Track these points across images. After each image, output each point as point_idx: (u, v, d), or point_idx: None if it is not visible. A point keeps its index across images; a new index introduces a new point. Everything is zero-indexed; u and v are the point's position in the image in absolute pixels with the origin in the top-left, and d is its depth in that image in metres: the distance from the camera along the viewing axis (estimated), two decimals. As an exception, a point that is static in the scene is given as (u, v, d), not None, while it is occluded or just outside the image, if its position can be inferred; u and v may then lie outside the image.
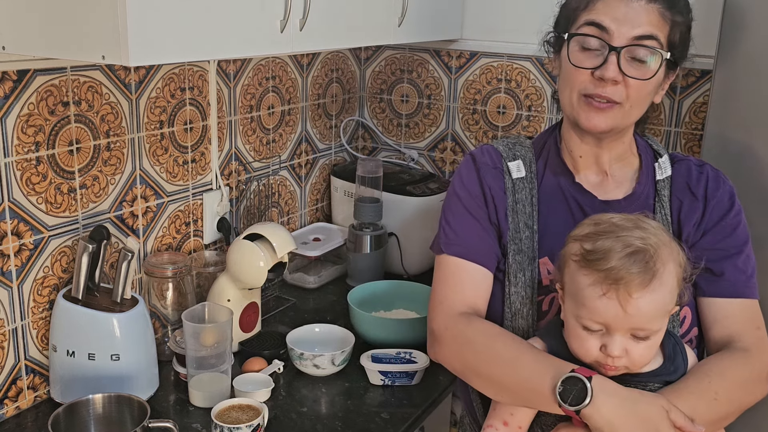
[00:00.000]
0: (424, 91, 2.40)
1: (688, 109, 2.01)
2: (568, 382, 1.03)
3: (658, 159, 1.31)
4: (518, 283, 1.23)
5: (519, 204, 1.26)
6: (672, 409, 1.03)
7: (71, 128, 1.56)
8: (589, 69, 1.17)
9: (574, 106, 1.21)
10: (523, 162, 1.29)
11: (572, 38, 1.19)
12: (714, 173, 1.30)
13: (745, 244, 1.26)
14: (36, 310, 1.55)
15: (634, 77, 1.16)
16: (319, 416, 1.57)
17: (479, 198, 1.28)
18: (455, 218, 1.28)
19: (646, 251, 1.03)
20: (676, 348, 1.13)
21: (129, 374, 1.53)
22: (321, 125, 2.37)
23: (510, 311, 1.23)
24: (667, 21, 1.18)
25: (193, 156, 1.89)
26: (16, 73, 1.43)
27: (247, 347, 1.78)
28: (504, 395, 1.14)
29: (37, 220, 1.52)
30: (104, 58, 1.20)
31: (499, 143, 1.33)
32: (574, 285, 1.07)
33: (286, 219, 2.29)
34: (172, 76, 1.78)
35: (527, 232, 1.25)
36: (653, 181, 1.29)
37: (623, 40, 1.15)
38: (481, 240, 1.26)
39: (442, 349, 1.23)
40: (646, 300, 1.02)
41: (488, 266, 1.25)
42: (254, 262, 1.71)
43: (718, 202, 1.27)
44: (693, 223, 1.26)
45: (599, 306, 1.03)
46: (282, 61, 2.15)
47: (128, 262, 1.54)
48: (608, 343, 1.04)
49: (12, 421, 1.52)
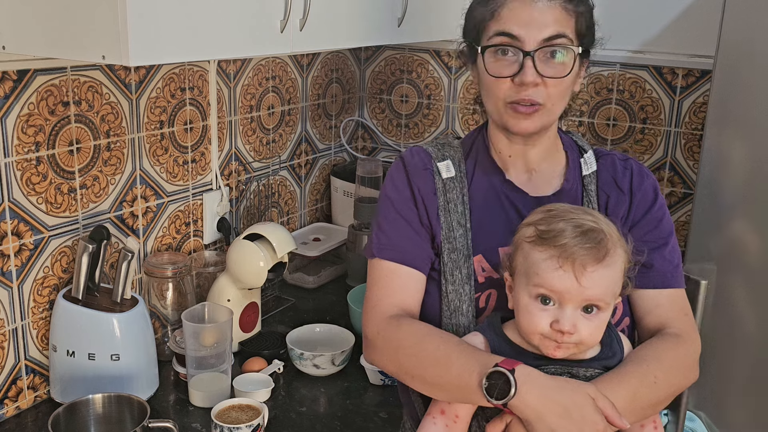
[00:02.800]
0: (424, 91, 2.41)
1: (688, 109, 2.02)
2: (492, 377, 1.05)
3: (584, 155, 1.35)
4: (455, 281, 1.25)
5: (450, 203, 1.28)
6: (599, 397, 1.06)
7: (71, 128, 1.56)
8: (508, 77, 1.21)
9: (501, 113, 1.25)
10: (452, 162, 1.32)
11: (485, 50, 1.23)
12: (638, 167, 1.34)
13: (670, 235, 1.31)
14: (36, 310, 1.55)
15: (552, 77, 1.21)
16: (319, 416, 1.57)
17: (410, 201, 1.29)
18: (387, 222, 1.30)
19: (599, 230, 1.07)
20: (611, 334, 1.16)
21: (129, 374, 1.53)
22: (321, 125, 2.37)
23: (449, 309, 1.25)
24: (571, 14, 1.22)
25: (193, 156, 1.89)
26: (16, 73, 1.43)
27: (247, 347, 1.78)
28: (439, 394, 1.16)
29: (37, 220, 1.52)
30: (104, 58, 1.20)
31: (428, 145, 1.36)
32: (528, 262, 1.09)
33: (286, 219, 2.29)
34: (172, 76, 1.78)
35: (460, 231, 1.27)
36: (580, 177, 1.33)
37: (534, 44, 1.19)
38: (413, 243, 1.28)
39: (376, 352, 1.25)
40: (599, 274, 1.05)
41: (421, 269, 1.27)
42: (254, 262, 1.71)
43: (644, 196, 1.31)
44: (620, 216, 1.29)
45: (554, 277, 1.05)
46: (282, 61, 2.15)
47: (128, 262, 1.54)
48: (560, 317, 1.06)
49: (12, 421, 1.52)
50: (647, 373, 1.13)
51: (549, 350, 1.08)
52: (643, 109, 2.07)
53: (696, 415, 1.67)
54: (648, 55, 2.04)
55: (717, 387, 1.65)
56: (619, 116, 2.10)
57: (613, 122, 2.11)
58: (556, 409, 1.04)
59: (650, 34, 2.03)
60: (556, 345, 1.07)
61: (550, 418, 1.03)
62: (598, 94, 2.12)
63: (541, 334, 1.07)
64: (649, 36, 2.03)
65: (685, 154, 2.04)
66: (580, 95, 2.13)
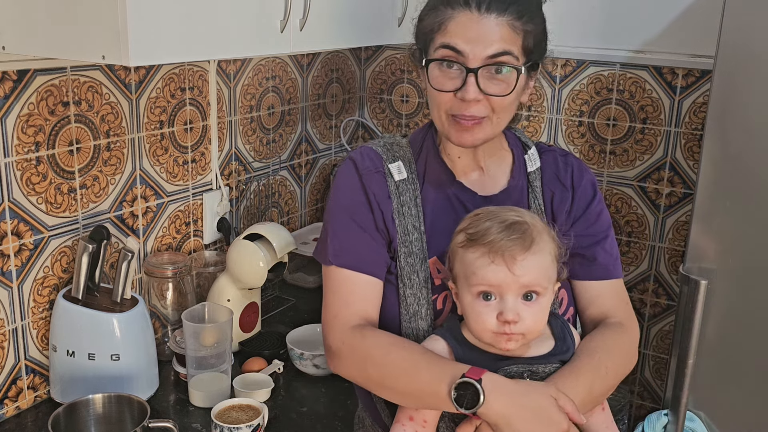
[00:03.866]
0: (424, 91, 2.40)
1: (688, 109, 2.01)
2: (461, 387, 1.09)
3: (527, 151, 1.36)
4: (413, 285, 1.25)
5: (405, 206, 1.28)
6: (560, 396, 1.10)
7: (71, 128, 1.56)
8: (450, 92, 1.21)
9: (444, 124, 1.25)
10: (403, 163, 1.31)
11: (430, 62, 1.23)
12: (577, 162, 1.37)
13: (609, 228, 1.35)
14: (36, 310, 1.55)
15: (494, 95, 1.20)
16: (319, 416, 1.57)
17: (364, 205, 1.28)
18: (341, 228, 1.28)
19: (522, 222, 1.12)
20: (563, 329, 1.20)
21: (129, 374, 1.53)
22: (321, 125, 2.37)
23: (407, 313, 1.25)
24: (518, 32, 1.20)
25: (193, 156, 1.89)
26: (16, 73, 1.43)
27: (247, 347, 1.78)
28: (409, 402, 1.18)
29: (37, 220, 1.52)
30: (104, 58, 1.20)
31: (376, 145, 1.34)
32: (464, 264, 1.14)
33: (286, 219, 2.29)
34: (172, 76, 1.78)
35: (416, 234, 1.27)
36: (525, 174, 1.35)
37: (478, 61, 1.18)
38: (369, 249, 1.27)
39: (342, 363, 1.25)
40: (530, 261, 1.10)
41: (378, 275, 1.27)
42: (254, 262, 1.71)
43: (584, 191, 1.34)
44: (564, 211, 1.33)
45: (489, 272, 1.10)
46: (282, 61, 2.15)
47: (128, 262, 1.54)
48: (503, 308, 1.10)
49: (12, 421, 1.52)
50: (599, 365, 1.18)
51: (501, 344, 1.12)
52: (643, 109, 2.07)
53: (696, 415, 1.68)
54: (648, 55, 2.04)
55: (717, 387, 1.65)
56: (619, 116, 2.10)
57: (613, 122, 2.11)
58: (523, 413, 1.07)
59: (650, 34, 2.03)
60: (507, 338, 1.11)
61: (518, 422, 1.07)
62: (598, 94, 2.12)
63: (491, 331, 1.11)
64: (649, 36, 2.03)
65: (685, 154, 2.04)
66: (580, 95, 2.13)
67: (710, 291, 1.60)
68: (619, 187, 2.13)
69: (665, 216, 2.10)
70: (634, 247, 2.15)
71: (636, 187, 2.12)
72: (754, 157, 1.55)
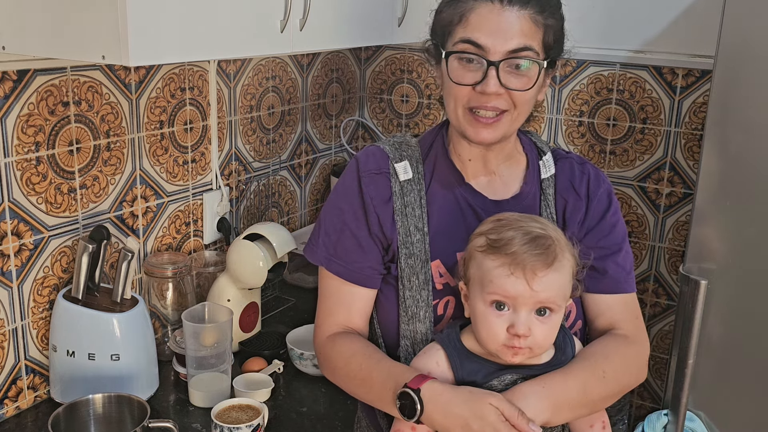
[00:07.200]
0: (424, 91, 2.41)
1: (688, 109, 2.01)
2: (403, 397, 1.10)
3: (542, 157, 1.33)
4: (413, 287, 1.24)
5: (408, 207, 1.26)
6: (505, 406, 1.07)
7: (71, 128, 1.56)
8: (470, 85, 1.19)
9: (460, 119, 1.23)
10: (409, 162, 1.29)
11: (450, 55, 1.21)
12: (595, 171, 1.34)
13: (624, 240, 1.32)
14: (36, 310, 1.55)
15: (515, 89, 1.19)
16: (319, 416, 1.57)
17: (359, 211, 1.27)
18: (333, 231, 1.29)
19: (547, 237, 1.10)
20: (565, 339, 1.18)
21: (129, 374, 1.53)
22: (321, 125, 2.37)
23: (406, 315, 1.25)
24: (540, 26, 1.19)
25: (193, 156, 1.89)
26: (16, 73, 1.43)
27: (247, 347, 1.78)
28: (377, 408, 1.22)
29: (37, 220, 1.52)
30: (104, 58, 1.20)
31: (385, 143, 1.33)
32: (482, 270, 1.11)
33: (286, 219, 2.29)
34: (172, 76, 1.78)
35: (418, 236, 1.25)
36: (539, 180, 1.32)
37: (499, 55, 1.17)
38: (359, 257, 1.27)
39: (323, 370, 1.30)
40: (550, 278, 1.08)
41: (368, 284, 1.28)
42: (254, 262, 1.71)
43: (599, 201, 1.31)
44: (577, 221, 1.29)
45: (507, 283, 1.08)
46: (282, 61, 2.15)
47: (128, 262, 1.54)
48: (515, 321, 1.08)
49: (12, 421, 1.52)
50: (595, 367, 1.17)
51: (507, 357, 1.11)
52: (643, 109, 2.07)
53: (696, 415, 1.68)
54: (648, 55, 2.04)
55: (717, 387, 1.65)
56: (619, 116, 2.10)
57: (613, 122, 2.11)
58: (458, 421, 1.07)
59: (650, 34, 2.03)
60: (513, 352, 1.10)
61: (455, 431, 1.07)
62: (598, 94, 2.12)
63: (499, 342, 1.10)
64: (649, 36, 2.03)
65: (685, 154, 2.04)
66: (580, 95, 2.13)
67: (710, 291, 1.60)
68: (619, 187, 2.13)
69: (665, 216, 2.10)
70: (634, 247, 2.14)
71: (636, 187, 2.12)
72: (754, 157, 1.55)
